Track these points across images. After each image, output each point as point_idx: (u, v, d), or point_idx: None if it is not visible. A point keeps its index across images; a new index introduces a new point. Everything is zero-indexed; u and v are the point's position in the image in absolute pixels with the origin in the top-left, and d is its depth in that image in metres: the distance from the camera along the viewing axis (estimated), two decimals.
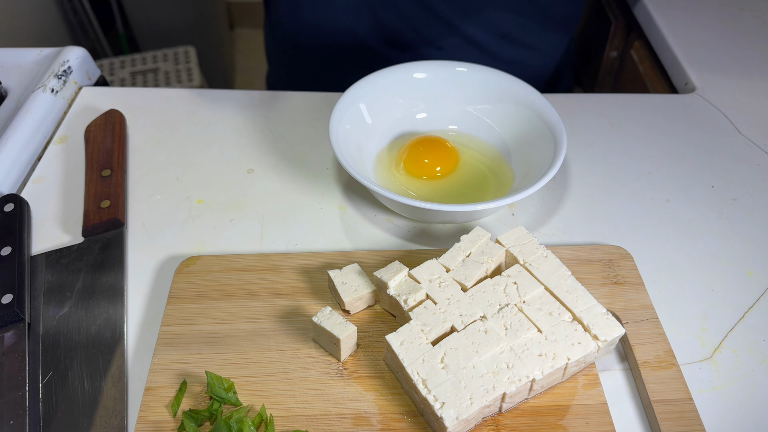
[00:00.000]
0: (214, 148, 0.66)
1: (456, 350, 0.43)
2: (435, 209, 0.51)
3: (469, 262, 0.49)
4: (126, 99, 0.72)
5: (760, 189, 0.62)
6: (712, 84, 0.74)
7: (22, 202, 0.57)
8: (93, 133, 0.65)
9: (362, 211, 0.60)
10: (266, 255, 0.54)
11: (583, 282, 0.47)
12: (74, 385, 0.46)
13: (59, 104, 0.70)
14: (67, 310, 0.51)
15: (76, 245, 0.55)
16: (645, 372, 0.46)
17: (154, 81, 1.59)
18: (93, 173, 0.61)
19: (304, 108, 0.70)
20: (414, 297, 0.47)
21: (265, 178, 0.63)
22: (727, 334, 0.50)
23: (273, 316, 0.49)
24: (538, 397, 0.45)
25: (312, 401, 0.44)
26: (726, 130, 0.68)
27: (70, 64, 0.73)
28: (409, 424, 0.44)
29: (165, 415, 0.44)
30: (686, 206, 0.60)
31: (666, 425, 0.43)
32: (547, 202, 0.60)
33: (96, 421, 0.44)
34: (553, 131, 0.57)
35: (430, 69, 0.64)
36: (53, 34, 1.59)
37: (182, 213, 0.59)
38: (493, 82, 0.63)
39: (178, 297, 0.51)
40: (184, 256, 0.55)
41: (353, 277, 0.50)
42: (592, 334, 0.44)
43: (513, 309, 0.46)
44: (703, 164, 0.64)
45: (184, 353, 0.47)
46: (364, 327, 0.49)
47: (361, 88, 0.61)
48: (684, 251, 0.56)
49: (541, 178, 0.52)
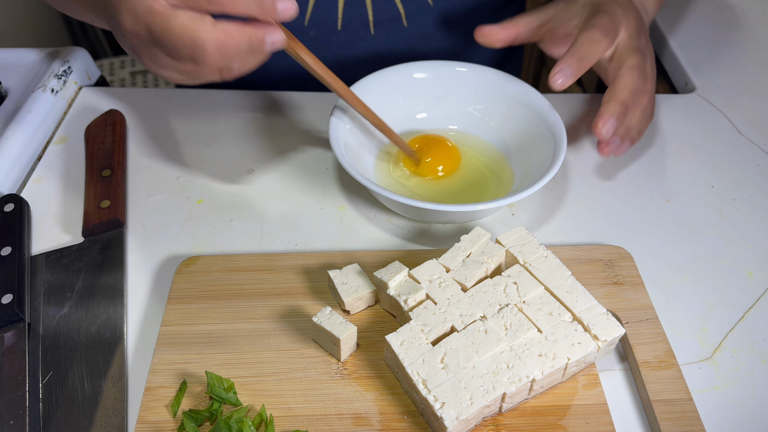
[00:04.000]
0: (214, 148, 0.66)
1: (456, 350, 0.43)
2: (435, 209, 0.51)
3: (469, 262, 0.49)
4: (126, 99, 0.72)
5: (760, 189, 0.62)
6: (712, 84, 0.74)
7: (22, 202, 0.57)
8: (93, 133, 0.65)
9: (362, 211, 0.60)
10: (266, 255, 0.54)
11: (583, 282, 0.47)
12: (74, 385, 0.46)
13: (59, 104, 0.70)
14: (67, 310, 0.51)
15: (76, 245, 0.55)
16: (645, 372, 0.46)
17: (154, 81, 1.59)
18: (93, 173, 0.61)
19: (304, 108, 0.70)
20: (414, 297, 0.47)
21: (265, 178, 0.63)
22: (727, 334, 0.50)
23: (273, 316, 0.49)
24: (538, 397, 0.45)
25: (312, 401, 0.44)
26: (726, 130, 0.68)
27: (70, 64, 0.73)
28: (409, 424, 0.44)
29: (165, 415, 0.44)
30: (686, 206, 0.60)
31: (666, 425, 0.43)
32: (547, 202, 0.60)
33: (96, 421, 0.44)
34: (553, 131, 0.57)
35: (430, 69, 0.64)
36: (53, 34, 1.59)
37: (182, 213, 0.59)
38: (494, 82, 0.63)
39: (178, 297, 0.51)
40: (184, 256, 0.55)
41: (353, 277, 0.50)
42: (592, 334, 0.44)
43: (513, 309, 0.46)
44: (703, 164, 0.64)
45: (184, 353, 0.47)
46: (364, 327, 0.49)
47: (361, 88, 0.61)
48: (684, 251, 0.56)
49: (541, 178, 0.52)
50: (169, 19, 0.40)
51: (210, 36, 0.41)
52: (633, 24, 0.59)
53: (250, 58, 0.43)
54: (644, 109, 0.58)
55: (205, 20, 0.41)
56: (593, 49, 0.55)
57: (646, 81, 0.58)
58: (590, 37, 0.55)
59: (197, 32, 0.40)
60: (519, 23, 0.62)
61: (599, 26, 0.56)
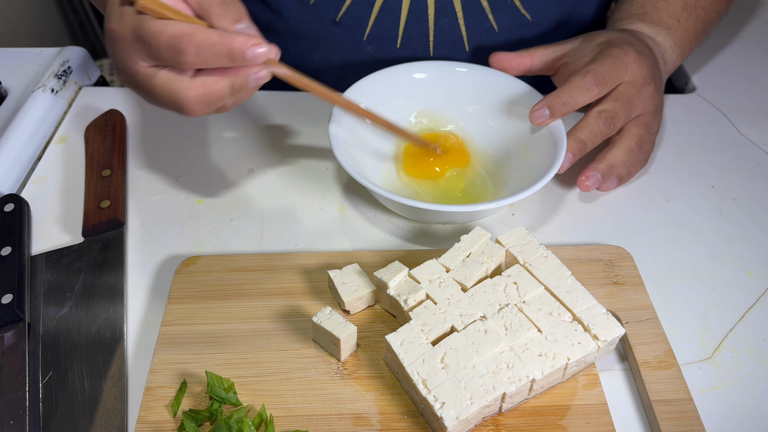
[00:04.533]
0: (214, 148, 0.66)
1: (456, 350, 0.43)
2: (435, 209, 0.51)
3: (469, 262, 0.49)
4: (126, 99, 0.72)
5: (760, 189, 0.62)
6: (712, 84, 0.74)
7: (22, 202, 0.57)
8: (93, 133, 0.65)
9: (362, 211, 0.60)
10: (266, 255, 0.54)
11: (583, 282, 0.47)
12: (74, 385, 0.46)
13: (59, 104, 0.70)
14: (67, 310, 0.51)
15: (76, 245, 0.55)
16: (645, 372, 0.46)
17: None
18: (93, 173, 0.61)
19: (304, 108, 0.70)
20: (414, 297, 0.47)
21: (265, 178, 0.63)
22: (727, 334, 0.50)
23: (273, 316, 0.49)
24: (538, 397, 0.45)
25: (312, 401, 0.44)
26: (726, 130, 0.68)
27: (70, 64, 0.73)
28: (409, 424, 0.44)
29: (165, 415, 0.44)
30: (686, 206, 0.60)
31: (666, 425, 0.43)
32: (547, 202, 0.60)
33: (96, 421, 0.44)
34: (553, 131, 0.57)
35: (430, 69, 0.64)
36: (53, 34, 1.59)
37: (182, 213, 0.59)
38: (493, 82, 0.63)
39: (178, 297, 0.51)
40: (184, 256, 0.55)
41: (353, 277, 0.50)
42: (592, 334, 0.44)
43: (513, 309, 0.46)
44: (703, 164, 0.64)
45: (184, 353, 0.47)
46: (364, 327, 0.49)
47: (360, 88, 0.61)
48: (684, 251, 0.56)
49: (541, 178, 0.52)
50: (151, 79, 0.43)
51: (189, 93, 0.43)
52: (642, 73, 0.58)
53: (240, 95, 0.45)
54: (630, 149, 0.58)
55: (183, 78, 0.43)
56: (579, 97, 0.55)
57: (613, 126, 0.57)
58: (581, 84, 0.55)
59: (176, 91, 0.43)
60: (534, 55, 0.62)
61: (595, 74, 0.55)
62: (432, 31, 0.70)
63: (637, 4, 0.66)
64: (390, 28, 0.70)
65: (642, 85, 0.58)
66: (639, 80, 0.58)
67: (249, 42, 0.42)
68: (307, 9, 0.69)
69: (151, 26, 0.42)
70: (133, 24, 0.42)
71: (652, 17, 0.65)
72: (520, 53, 0.62)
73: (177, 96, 0.43)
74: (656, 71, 0.61)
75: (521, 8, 0.69)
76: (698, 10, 0.66)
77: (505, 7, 0.69)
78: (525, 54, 0.62)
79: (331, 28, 0.70)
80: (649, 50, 0.61)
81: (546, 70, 0.64)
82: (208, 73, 0.43)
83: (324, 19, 0.70)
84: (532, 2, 0.69)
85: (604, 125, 0.56)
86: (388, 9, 0.68)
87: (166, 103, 0.44)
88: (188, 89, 0.43)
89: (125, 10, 0.43)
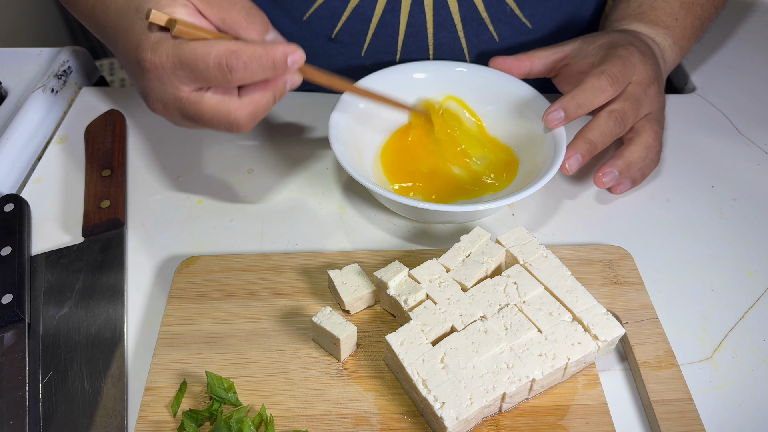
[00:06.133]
0: (214, 148, 0.66)
1: (456, 350, 0.43)
2: (435, 209, 0.51)
3: (469, 262, 0.49)
4: (126, 99, 0.72)
5: (760, 189, 0.62)
6: (712, 84, 0.74)
7: (22, 202, 0.57)
8: (93, 133, 0.65)
9: (362, 211, 0.60)
10: (266, 255, 0.54)
11: (583, 282, 0.47)
12: (74, 385, 0.46)
13: (59, 104, 0.70)
14: (67, 310, 0.51)
15: (76, 245, 0.55)
16: (645, 372, 0.46)
17: None
18: (93, 173, 0.61)
19: (304, 108, 0.70)
20: (414, 297, 0.47)
21: (265, 178, 0.63)
22: (727, 334, 0.50)
23: (273, 316, 0.49)
24: (538, 397, 0.45)
25: (312, 401, 0.44)
26: (726, 130, 0.68)
27: (70, 64, 0.73)
28: (409, 424, 0.44)
29: (165, 415, 0.44)
30: (686, 206, 0.60)
31: (666, 425, 0.43)
32: (547, 202, 0.60)
33: (96, 421, 0.44)
34: (553, 131, 0.57)
35: (430, 69, 0.64)
36: (53, 34, 1.59)
37: (182, 213, 0.59)
38: (493, 82, 0.63)
39: (178, 297, 0.51)
40: (184, 256, 0.55)
41: (353, 277, 0.50)
42: (592, 334, 0.44)
43: (513, 309, 0.46)
44: (703, 164, 0.64)
45: (184, 353, 0.47)
46: (364, 327, 0.49)
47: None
48: (684, 251, 0.56)
49: (541, 178, 0.53)
50: (198, 104, 0.43)
51: (241, 112, 0.44)
52: (647, 73, 0.58)
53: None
54: (648, 146, 0.57)
55: (233, 98, 0.44)
56: (595, 98, 0.55)
57: (624, 126, 0.56)
58: (596, 85, 0.54)
59: (229, 113, 0.44)
60: (534, 57, 0.62)
61: (609, 74, 0.55)
62: (432, 44, 0.70)
63: (635, 4, 0.66)
64: (388, 44, 0.69)
65: (648, 85, 0.58)
66: (645, 80, 0.58)
67: (288, 50, 0.42)
68: (301, 25, 0.68)
69: (195, 48, 0.41)
70: (172, 50, 0.42)
71: (650, 17, 0.65)
72: (520, 57, 0.62)
73: (230, 118, 0.44)
74: (658, 70, 0.61)
75: (521, 17, 0.69)
76: (696, 8, 0.66)
77: (506, 17, 0.68)
78: (525, 57, 0.62)
79: (326, 45, 0.70)
80: (650, 50, 0.61)
81: (546, 73, 0.63)
82: (251, 89, 0.44)
83: (319, 36, 0.69)
84: (532, 10, 0.69)
85: (614, 125, 0.56)
86: (385, 24, 0.68)
87: (218, 125, 0.44)
88: (240, 109, 0.44)
89: (158, 36, 0.42)
